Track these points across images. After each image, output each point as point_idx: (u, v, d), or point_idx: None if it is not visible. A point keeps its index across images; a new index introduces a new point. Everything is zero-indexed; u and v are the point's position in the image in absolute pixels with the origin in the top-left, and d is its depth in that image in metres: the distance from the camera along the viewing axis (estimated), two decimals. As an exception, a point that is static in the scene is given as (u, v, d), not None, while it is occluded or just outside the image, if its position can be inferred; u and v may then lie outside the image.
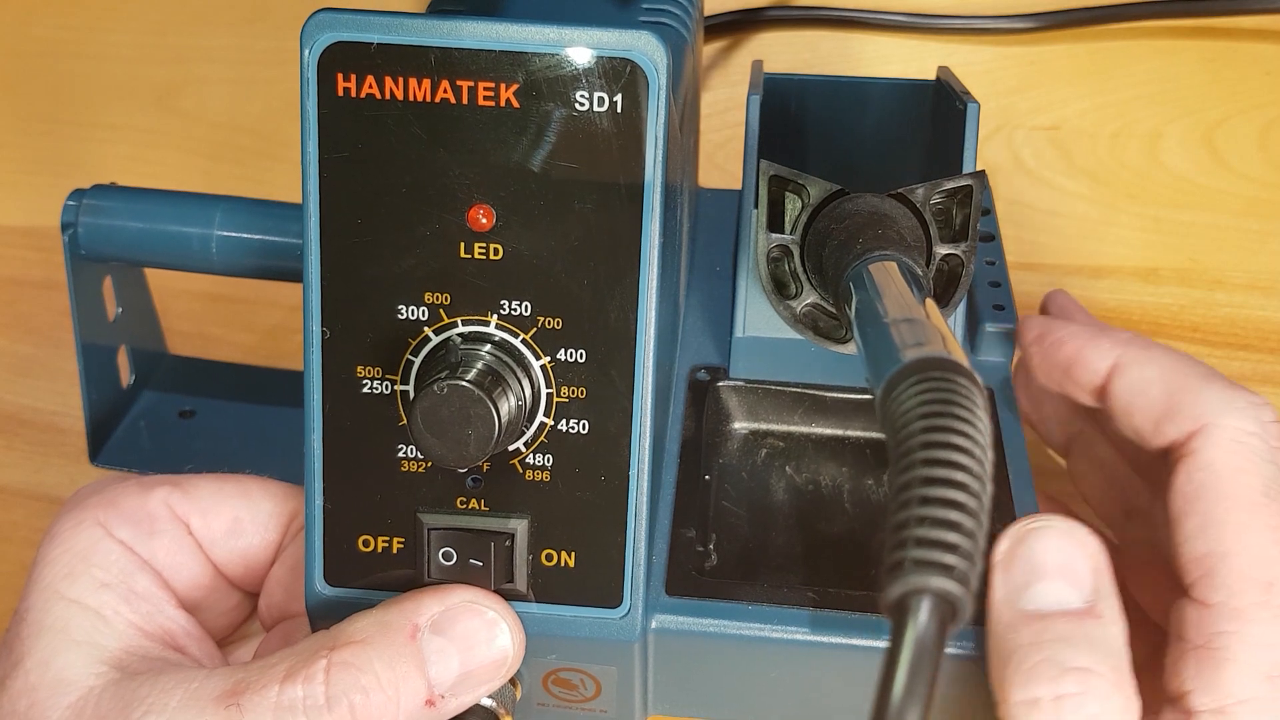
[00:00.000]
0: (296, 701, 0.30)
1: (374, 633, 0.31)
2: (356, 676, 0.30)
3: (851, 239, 0.34)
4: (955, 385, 0.24)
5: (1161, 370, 0.36)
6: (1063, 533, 0.32)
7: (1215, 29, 0.65)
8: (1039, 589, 0.31)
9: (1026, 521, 0.33)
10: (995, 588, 0.32)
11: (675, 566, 0.36)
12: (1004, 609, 0.32)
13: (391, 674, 0.31)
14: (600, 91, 0.30)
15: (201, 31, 0.70)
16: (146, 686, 0.31)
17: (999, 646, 0.31)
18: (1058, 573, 0.32)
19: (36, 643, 0.32)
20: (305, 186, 0.31)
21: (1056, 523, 0.32)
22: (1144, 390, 0.36)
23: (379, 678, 0.30)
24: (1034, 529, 0.32)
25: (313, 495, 0.33)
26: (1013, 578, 0.32)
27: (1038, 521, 0.32)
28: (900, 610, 0.21)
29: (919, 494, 0.22)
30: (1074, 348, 0.38)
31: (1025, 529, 0.32)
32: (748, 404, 0.42)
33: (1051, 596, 0.31)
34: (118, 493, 0.35)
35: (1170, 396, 0.35)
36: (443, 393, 0.30)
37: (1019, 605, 0.31)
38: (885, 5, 0.66)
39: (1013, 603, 0.32)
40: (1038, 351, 0.39)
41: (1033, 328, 0.40)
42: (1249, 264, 0.66)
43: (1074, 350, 0.38)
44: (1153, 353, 0.36)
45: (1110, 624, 0.31)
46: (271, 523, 0.37)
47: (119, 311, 0.52)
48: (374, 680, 0.30)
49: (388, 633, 0.31)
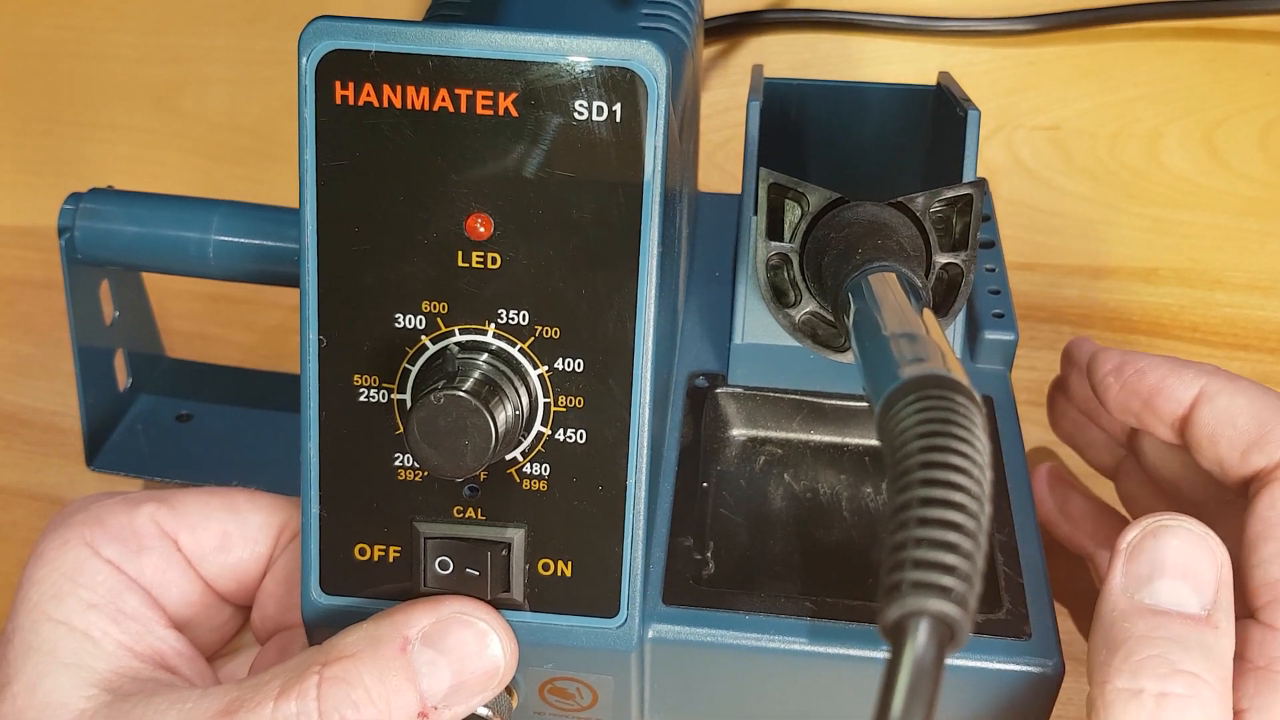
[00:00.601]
0: (291, 718, 0.30)
1: (364, 647, 0.31)
2: (347, 691, 0.30)
3: (851, 248, 0.34)
4: (954, 404, 0.24)
5: (1250, 400, 0.36)
6: (1195, 536, 0.32)
7: (1215, 29, 0.65)
8: (1161, 585, 0.32)
9: (1159, 516, 0.33)
10: (1114, 574, 0.32)
11: (672, 575, 0.36)
12: (1120, 597, 0.32)
13: (382, 688, 0.31)
14: (599, 100, 0.30)
15: (201, 31, 0.70)
16: (140, 708, 0.31)
17: (1109, 632, 0.31)
18: (1182, 574, 0.32)
19: (24, 665, 0.32)
20: (303, 194, 0.31)
21: (1191, 525, 0.33)
22: (1231, 419, 0.36)
23: (370, 692, 0.30)
24: (1167, 525, 0.32)
25: (309, 504, 0.33)
26: (1136, 568, 0.32)
27: (1171, 519, 0.33)
28: (898, 633, 0.21)
29: (917, 514, 0.22)
30: (1158, 377, 0.37)
31: (1158, 523, 0.33)
32: (746, 411, 0.42)
33: (1172, 595, 0.32)
34: (104, 510, 0.35)
35: (1260, 426, 0.35)
36: (440, 403, 0.30)
37: (1137, 596, 0.32)
38: (885, 7, 0.66)
39: (1130, 592, 0.32)
40: (1115, 382, 0.39)
41: (1110, 359, 0.39)
42: (1249, 264, 0.66)
43: (1158, 380, 0.37)
44: (1239, 383, 0.36)
45: (1224, 636, 0.31)
46: (261, 535, 0.36)
47: (116, 315, 0.52)
48: (365, 695, 0.30)
49: (378, 646, 0.31)
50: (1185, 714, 0.29)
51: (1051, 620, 0.34)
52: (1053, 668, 0.33)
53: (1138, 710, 0.30)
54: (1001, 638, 0.34)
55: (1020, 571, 0.36)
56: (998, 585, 0.35)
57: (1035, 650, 0.34)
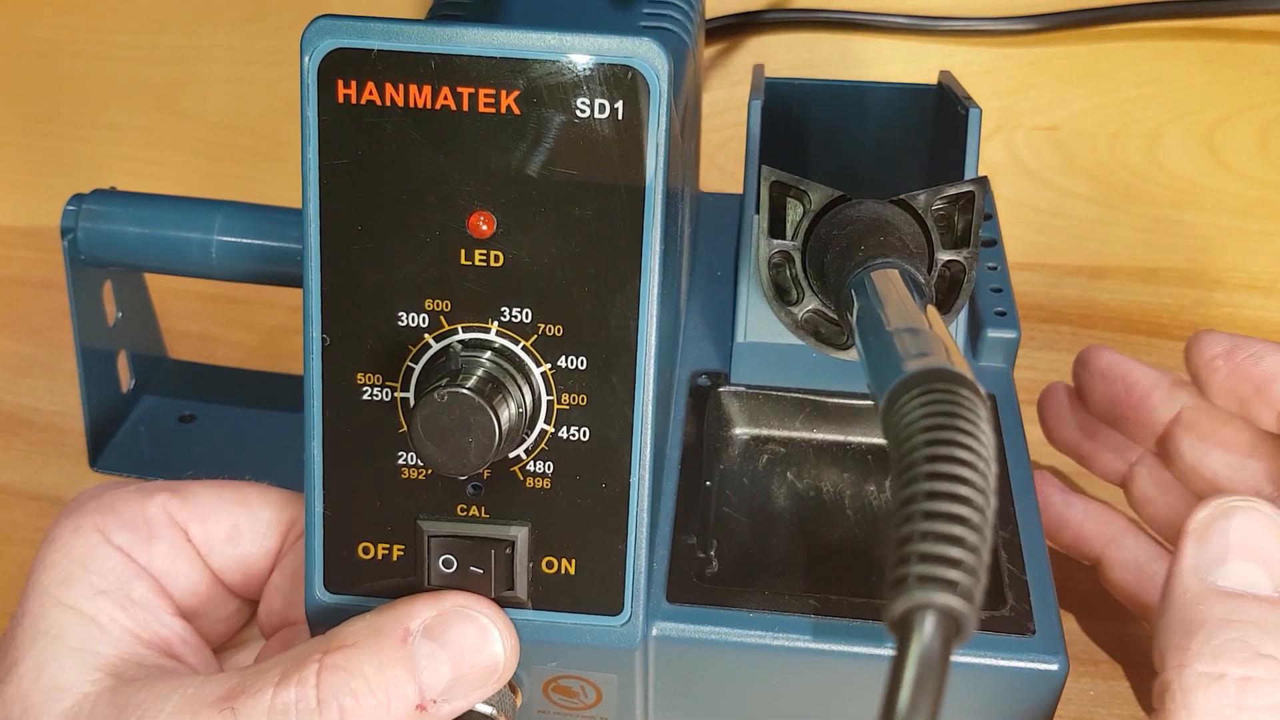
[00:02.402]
0: (289, 705, 0.30)
1: (365, 637, 0.31)
2: (346, 680, 0.30)
3: (853, 245, 0.34)
4: (958, 397, 0.24)
5: None
6: (1266, 517, 0.32)
7: (1215, 29, 0.65)
8: (1234, 566, 0.32)
9: (1228, 498, 0.33)
10: (1185, 555, 0.32)
11: (676, 573, 0.36)
12: (1192, 579, 0.32)
13: (381, 678, 0.31)
14: (601, 98, 0.30)
15: (201, 31, 0.70)
16: (142, 693, 0.31)
17: (1183, 615, 0.31)
18: (1254, 555, 0.32)
19: (31, 648, 0.32)
20: (305, 193, 0.31)
21: (1261, 506, 0.32)
22: None
23: (369, 682, 0.30)
24: (1238, 506, 0.32)
25: (313, 502, 0.33)
26: (1207, 549, 0.32)
27: (1241, 501, 0.32)
28: (904, 626, 0.21)
29: (922, 508, 0.22)
30: (1275, 363, 0.37)
31: (1228, 504, 0.32)
32: (749, 409, 0.42)
33: (1245, 577, 0.31)
34: (116, 498, 0.35)
35: None
36: (443, 400, 0.30)
37: (1209, 578, 0.32)
38: (885, 7, 0.66)
39: (1202, 574, 0.32)
40: (1225, 365, 0.38)
41: (1220, 341, 0.39)
42: (1249, 264, 0.66)
43: (1274, 366, 0.37)
44: None
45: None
46: (270, 530, 0.36)
47: (119, 316, 0.52)
48: (364, 684, 0.30)
49: (379, 637, 0.31)
50: (1268, 698, 0.29)
51: (1056, 618, 0.34)
52: (1057, 666, 0.33)
53: (1219, 695, 0.29)
54: (1005, 635, 0.34)
55: (1024, 569, 0.36)
56: (1002, 582, 0.35)
57: (1039, 648, 0.33)
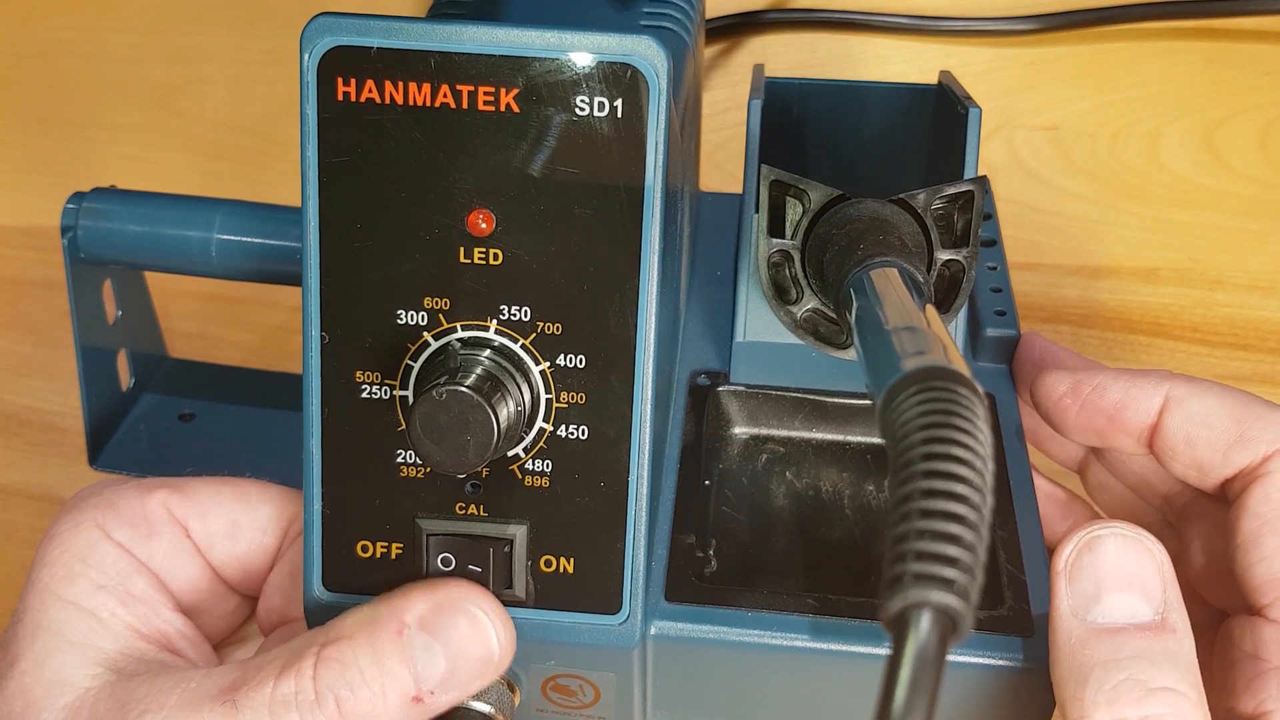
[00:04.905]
0: (289, 697, 0.30)
1: (361, 629, 0.31)
2: (342, 672, 0.30)
3: (852, 244, 0.34)
4: (956, 395, 0.24)
5: (1219, 400, 0.35)
6: (1130, 540, 0.31)
7: (1215, 29, 0.65)
8: (1109, 601, 0.31)
9: (1090, 528, 0.32)
10: (1059, 598, 0.31)
11: (675, 572, 0.36)
12: (1073, 622, 0.31)
13: (377, 670, 0.31)
14: (601, 96, 0.30)
15: (201, 31, 0.70)
16: (144, 688, 0.31)
17: (1071, 663, 0.30)
18: (1128, 582, 0.31)
19: (33, 643, 0.32)
20: (305, 191, 0.31)
21: (1122, 529, 0.32)
22: (1206, 421, 0.35)
23: (364, 673, 0.31)
24: (1099, 536, 0.31)
25: (311, 500, 0.33)
26: (1079, 588, 0.31)
27: (1102, 528, 0.32)
28: (900, 625, 0.21)
29: (919, 506, 0.22)
30: (1119, 391, 0.36)
31: (1090, 536, 0.31)
32: (748, 409, 0.42)
33: (1123, 609, 0.31)
34: (117, 495, 0.35)
35: (1239, 424, 0.34)
36: (442, 398, 0.30)
37: (1089, 618, 0.31)
38: (885, 7, 0.66)
39: (1082, 615, 0.31)
40: (1073, 404, 0.37)
41: (1060, 382, 0.38)
42: (1249, 264, 0.66)
43: (1120, 395, 0.36)
44: (1201, 384, 0.36)
45: (1184, 637, 0.30)
46: (270, 527, 0.37)
47: (119, 314, 0.52)
48: (359, 676, 0.30)
49: (374, 629, 0.31)
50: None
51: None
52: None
53: None
54: (1003, 634, 0.34)
55: (1023, 568, 0.35)
56: (1000, 581, 0.35)
57: (1038, 647, 0.33)
